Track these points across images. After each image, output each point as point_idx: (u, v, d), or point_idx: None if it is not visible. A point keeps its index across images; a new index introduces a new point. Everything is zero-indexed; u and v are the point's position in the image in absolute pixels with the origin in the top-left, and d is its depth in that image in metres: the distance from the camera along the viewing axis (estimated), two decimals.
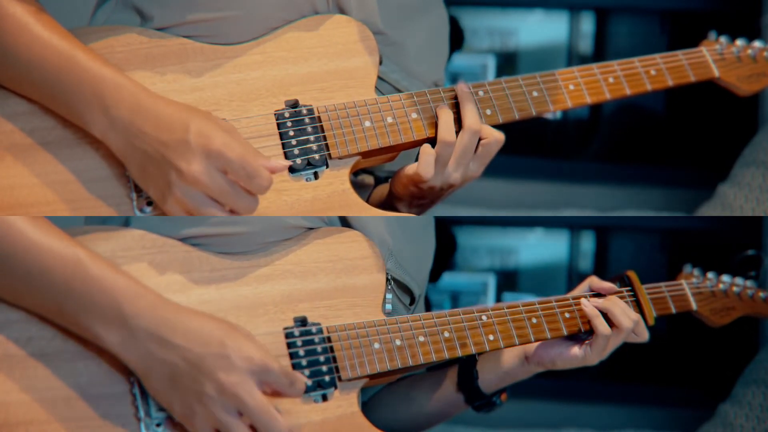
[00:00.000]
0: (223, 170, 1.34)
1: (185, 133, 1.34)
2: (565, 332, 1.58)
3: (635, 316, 1.59)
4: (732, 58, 1.73)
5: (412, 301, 1.60)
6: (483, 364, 1.63)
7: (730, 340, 2.42)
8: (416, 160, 1.51)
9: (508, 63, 2.62)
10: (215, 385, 1.29)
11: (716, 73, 1.71)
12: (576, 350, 1.59)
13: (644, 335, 1.62)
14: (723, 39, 1.74)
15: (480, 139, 1.52)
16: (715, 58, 1.72)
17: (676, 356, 2.55)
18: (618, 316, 1.57)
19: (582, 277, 2.62)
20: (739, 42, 1.75)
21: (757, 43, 1.76)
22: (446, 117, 1.52)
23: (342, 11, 1.54)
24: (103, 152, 1.40)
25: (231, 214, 1.37)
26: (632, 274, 1.68)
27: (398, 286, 1.56)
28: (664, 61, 1.68)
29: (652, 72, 1.66)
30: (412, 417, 1.68)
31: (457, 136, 1.51)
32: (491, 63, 2.61)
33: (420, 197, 1.55)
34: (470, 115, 1.52)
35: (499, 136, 1.52)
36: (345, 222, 1.52)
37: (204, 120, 1.36)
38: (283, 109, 1.48)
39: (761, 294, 1.81)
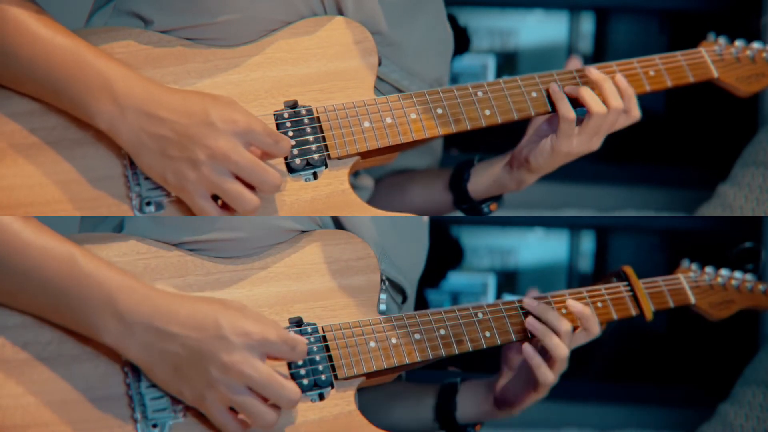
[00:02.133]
0: (249, 144, 1.37)
1: (207, 116, 1.35)
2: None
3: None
4: (731, 59, 1.73)
5: (404, 300, 1.61)
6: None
7: (730, 339, 2.42)
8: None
9: (508, 63, 2.62)
10: (219, 366, 1.30)
11: (715, 73, 1.71)
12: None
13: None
14: (722, 40, 1.75)
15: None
16: (714, 59, 1.72)
17: (676, 356, 2.55)
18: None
19: (582, 277, 2.62)
20: (738, 43, 1.75)
21: (755, 44, 1.76)
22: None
23: (340, 12, 1.55)
24: (103, 153, 1.40)
25: (253, 191, 1.38)
26: (628, 269, 1.68)
27: (392, 285, 1.57)
28: (663, 61, 1.68)
29: (651, 73, 1.66)
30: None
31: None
32: (491, 63, 2.60)
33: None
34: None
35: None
36: (338, 223, 1.52)
37: (218, 102, 1.37)
38: (282, 110, 1.48)
39: (760, 286, 1.81)
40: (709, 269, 1.79)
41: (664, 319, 2.54)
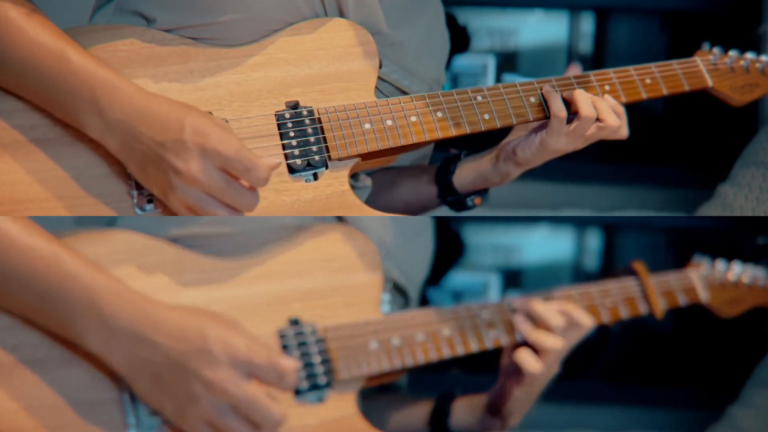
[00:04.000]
0: (221, 167, 1.34)
1: (180, 132, 1.33)
2: None
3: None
4: (725, 69, 1.75)
5: (406, 304, 1.61)
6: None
7: (739, 340, 2.42)
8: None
9: (508, 63, 2.62)
10: (202, 382, 1.28)
11: (710, 82, 1.73)
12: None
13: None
14: (716, 50, 1.76)
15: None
16: (709, 68, 1.73)
17: (684, 356, 2.55)
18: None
19: (588, 276, 2.62)
20: (732, 53, 1.77)
21: (749, 55, 1.78)
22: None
23: (341, 12, 1.55)
24: (103, 150, 1.40)
25: (234, 212, 1.36)
26: (639, 266, 1.68)
27: (394, 287, 1.57)
28: (659, 70, 1.69)
29: (647, 80, 1.67)
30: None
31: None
32: (491, 63, 2.60)
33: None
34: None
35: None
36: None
37: (198, 117, 1.36)
38: (283, 110, 1.48)
39: None
40: (720, 265, 1.79)
41: (671, 319, 2.54)
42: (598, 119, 1.57)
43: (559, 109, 1.57)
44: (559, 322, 1.54)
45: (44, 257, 1.31)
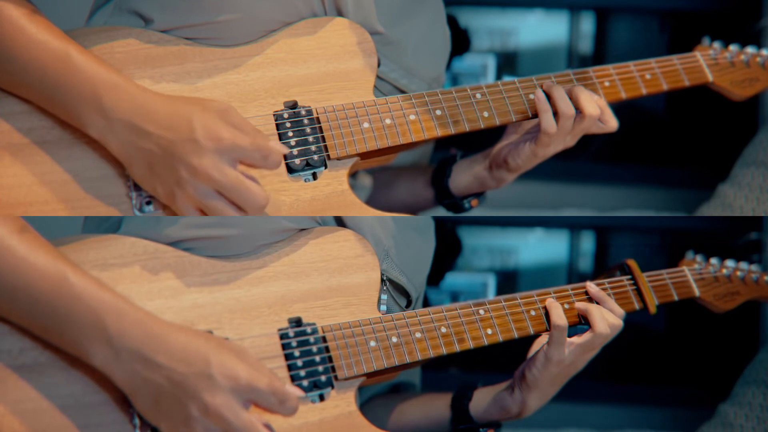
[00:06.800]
0: (236, 160, 1.34)
1: (191, 132, 1.33)
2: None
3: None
4: (725, 63, 1.74)
5: (409, 303, 1.61)
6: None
7: (731, 339, 2.42)
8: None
9: (508, 63, 2.62)
10: (199, 406, 1.27)
11: (710, 77, 1.72)
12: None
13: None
14: (716, 44, 1.76)
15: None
16: (709, 63, 1.73)
17: (676, 356, 2.55)
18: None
19: (582, 277, 2.63)
20: (732, 47, 1.77)
21: (749, 49, 1.78)
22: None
23: (339, 13, 1.55)
24: (101, 152, 1.40)
25: (239, 212, 1.36)
26: (632, 263, 1.68)
27: (394, 287, 1.57)
28: (659, 65, 1.69)
29: (647, 76, 1.67)
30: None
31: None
32: (491, 63, 2.60)
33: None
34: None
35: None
36: (340, 222, 1.52)
37: (205, 114, 1.35)
38: (282, 110, 1.48)
39: (766, 277, 1.80)
40: (714, 261, 1.78)
41: (663, 318, 2.54)
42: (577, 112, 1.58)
43: (549, 125, 1.57)
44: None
45: (49, 276, 1.30)
